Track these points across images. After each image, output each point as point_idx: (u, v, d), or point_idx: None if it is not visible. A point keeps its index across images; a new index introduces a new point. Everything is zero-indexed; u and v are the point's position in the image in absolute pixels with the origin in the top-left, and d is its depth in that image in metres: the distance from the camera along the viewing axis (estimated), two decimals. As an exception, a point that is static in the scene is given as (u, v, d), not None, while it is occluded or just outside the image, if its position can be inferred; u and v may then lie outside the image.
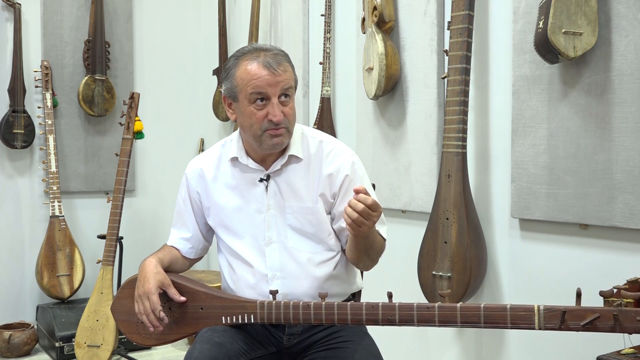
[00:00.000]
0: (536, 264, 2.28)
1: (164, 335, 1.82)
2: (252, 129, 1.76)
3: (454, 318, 1.45)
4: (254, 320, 1.71)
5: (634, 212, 1.94)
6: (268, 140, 1.75)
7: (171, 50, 4.53)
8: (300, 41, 3.60)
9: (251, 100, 1.73)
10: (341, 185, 1.82)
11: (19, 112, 3.85)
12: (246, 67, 1.73)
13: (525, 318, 1.34)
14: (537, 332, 2.28)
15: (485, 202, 2.47)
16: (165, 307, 1.78)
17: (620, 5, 1.97)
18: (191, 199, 1.94)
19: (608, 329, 1.26)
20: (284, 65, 1.74)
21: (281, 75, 1.72)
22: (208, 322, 1.77)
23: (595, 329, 1.27)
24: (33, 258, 3.93)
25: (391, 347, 2.87)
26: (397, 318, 1.51)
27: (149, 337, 1.84)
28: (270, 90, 1.71)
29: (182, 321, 1.80)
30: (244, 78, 1.72)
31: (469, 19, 2.33)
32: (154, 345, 1.85)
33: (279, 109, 1.72)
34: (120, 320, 1.89)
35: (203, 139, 4.64)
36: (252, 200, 1.84)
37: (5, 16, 3.91)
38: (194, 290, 1.79)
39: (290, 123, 1.77)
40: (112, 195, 3.53)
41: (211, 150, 1.95)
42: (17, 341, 3.60)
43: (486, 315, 1.40)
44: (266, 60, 1.71)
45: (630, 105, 1.95)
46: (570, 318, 1.29)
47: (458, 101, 2.34)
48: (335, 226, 1.85)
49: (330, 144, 1.87)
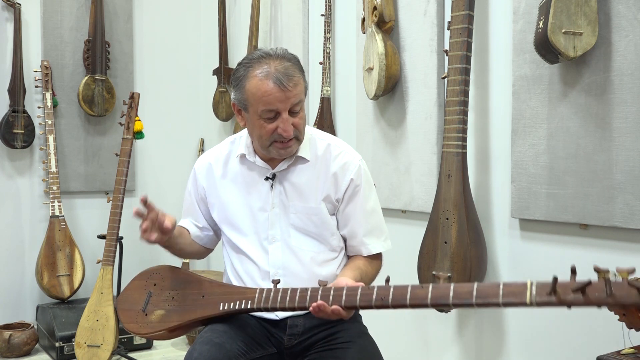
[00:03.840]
0: (536, 264, 2.28)
1: (161, 323, 1.82)
2: (260, 139, 1.77)
3: (447, 297, 1.41)
4: (250, 305, 1.71)
5: (634, 212, 1.94)
6: (275, 151, 1.78)
7: (171, 50, 4.53)
8: (300, 41, 3.60)
9: (262, 115, 1.73)
10: (346, 189, 1.83)
11: (19, 112, 3.85)
12: (257, 82, 1.70)
13: (518, 293, 1.33)
14: (537, 332, 2.28)
15: (485, 202, 2.47)
16: (168, 297, 1.81)
17: (620, 5, 1.97)
18: (197, 193, 1.96)
19: (600, 300, 1.24)
20: (295, 79, 1.71)
21: (292, 91, 1.70)
22: (206, 309, 1.78)
23: (588, 300, 1.25)
24: (33, 258, 3.93)
25: (391, 347, 2.87)
26: (390, 298, 1.49)
27: (145, 325, 1.83)
28: (281, 106, 1.71)
29: (182, 309, 1.81)
30: (255, 94, 1.71)
31: (469, 19, 2.33)
32: (150, 333, 1.82)
33: (290, 123, 1.73)
34: (123, 309, 1.90)
35: (203, 139, 4.64)
36: (257, 198, 1.86)
37: (5, 16, 3.91)
38: (198, 279, 1.82)
39: (301, 132, 1.78)
40: (112, 195, 3.53)
41: (221, 147, 1.96)
42: (17, 341, 3.60)
43: (478, 292, 1.38)
44: (277, 75, 1.69)
45: (630, 105, 1.95)
46: (561, 289, 1.28)
47: (458, 101, 2.34)
48: (341, 233, 1.88)
49: (338, 146, 1.88)
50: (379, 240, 1.86)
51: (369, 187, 1.88)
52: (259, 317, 1.85)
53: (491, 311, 2.45)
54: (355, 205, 1.84)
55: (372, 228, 1.87)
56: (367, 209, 1.86)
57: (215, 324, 1.80)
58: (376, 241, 1.84)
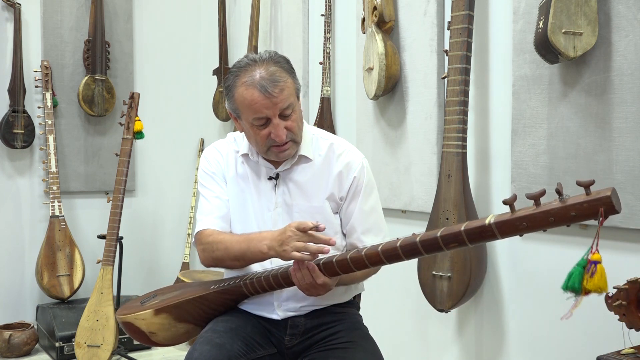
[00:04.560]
0: (536, 264, 2.28)
1: (150, 305, 1.86)
2: (257, 145, 1.79)
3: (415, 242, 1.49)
4: (239, 281, 1.77)
5: (634, 212, 1.94)
6: (274, 155, 1.79)
7: (171, 50, 4.53)
8: (300, 41, 3.60)
9: (254, 123, 1.74)
10: (349, 187, 1.84)
11: (19, 112, 3.85)
12: (243, 91, 1.71)
13: (479, 220, 1.38)
14: (537, 332, 2.28)
15: (485, 202, 2.47)
16: (169, 294, 1.88)
17: (620, 5, 1.97)
18: (222, 172, 1.90)
19: (553, 207, 1.27)
20: (280, 84, 1.70)
21: (278, 97, 1.70)
22: (197, 290, 1.83)
23: (542, 210, 1.28)
24: (33, 258, 3.93)
25: (391, 347, 2.87)
26: (364, 252, 1.58)
27: (136, 310, 1.85)
28: (269, 112, 1.71)
29: (176, 296, 1.87)
30: (242, 102, 1.72)
31: (469, 19, 2.33)
32: (135, 312, 1.82)
33: (282, 127, 1.73)
34: (122, 307, 1.96)
35: (203, 139, 4.64)
36: (261, 197, 1.86)
37: (5, 16, 3.91)
38: (204, 281, 1.91)
39: (296, 134, 1.78)
40: (112, 195, 3.53)
41: (224, 143, 1.95)
42: (17, 341, 3.60)
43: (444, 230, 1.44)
44: (261, 83, 1.69)
45: (630, 105, 1.95)
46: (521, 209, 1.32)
47: (458, 101, 2.34)
48: (342, 231, 1.88)
49: (341, 145, 1.89)
50: (377, 238, 1.86)
51: (371, 185, 1.89)
52: (260, 317, 1.85)
53: (491, 311, 2.46)
54: (357, 203, 1.85)
55: (371, 226, 1.87)
56: (368, 207, 1.87)
57: (216, 324, 1.80)
58: (374, 239, 1.84)
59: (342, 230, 1.88)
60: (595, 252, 1.25)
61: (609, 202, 1.21)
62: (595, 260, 1.24)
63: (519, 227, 1.32)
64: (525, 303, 2.33)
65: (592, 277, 1.23)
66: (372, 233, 1.87)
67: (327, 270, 1.63)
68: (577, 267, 1.26)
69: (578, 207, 1.24)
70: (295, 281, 1.66)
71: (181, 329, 1.86)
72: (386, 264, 1.58)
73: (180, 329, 1.87)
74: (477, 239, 1.40)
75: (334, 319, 1.85)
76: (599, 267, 1.24)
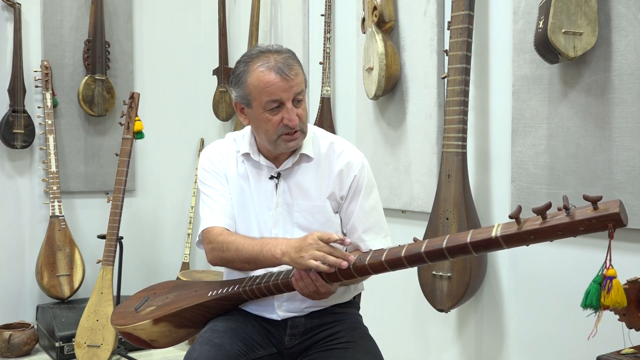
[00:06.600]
0: (536, 264, 2.28)
1: (148, 314, 1.84)
2: (267, 134, 1.78)
3: (419, 249, 1.48)
4: (238, 288, 1.76)
5: (634, 212, 1.94)
6: (283, 144, 1.78)
7: (171, 50, 4.53)
8: (300, 41, 3.61)
9: (266, 107, 1.74)
10: (350, 186, 1.84)
11: (19, 112, 3.85)
12: (258, 74, 1.72)
13: (484, 231, 1.39)
14: (537, 332, 2.28)
15: (485, 202, 2.47)
16: (163, 298, 1.87)
17: (620, 5, 1.97)
18: (223, 171, 1.89)
19: (560, 221, 1.26)
20: (295, 68, 1.74)
21: (293, 80, 1.72)
22: (195, 298, 1.81)
23: (548, 224, 1.28)
24: (33, 258, 3.93)
25: (391, 347, 2.87)
26: (367, 259, 1.58)
27: (132, 319, 1.84)
28: (284, 96, 1.72)
29: (173, 303, 1.85)
30: (257, 86, 1.73)
31: (469, 19, 2.33)
32: (134, 323, 1.81)
33: (294, 113, 1.74)
34: (117, 312, 1.94)
35: (203, 139, 4.64)
36: (262, 196, 1.86)
37: (5, 16, 3.91)
38: (198, 282, 1.88)
39: (304, 124, 1.79)
40: (112, 195, 3.53)
41: (224, 143, 1.94)
42: (17, 341, 3.60)
43: (449, 239, 1.44)
44: (278, 65, 1.71)
45: (630, 105, 1.95)
46: (526, 220, 1.32)
47: (458, 101, 2.34)
48: (343, 230, 1.88)
49: (341, 145, 1.89)
50: (379, 237, 1.86)
51: (371, 184, 1.89)
52: (260, 317, 1.85)
53: (491, 311, 2.46)
54: (357, 202, 1.85)
55: (372, 225, 1.87)
56: (368, 206, 1.86)
57: (215, 324, 1.80)
58: (375, 237, 1.84)
59: (343, 229, 1.88)
60: (609, 267, 1.25)
61: (617, 218, 1.21)
62: (610, 275, 1.25)
63: (526, 240, 1.33)
64: (525, 303, 2.33)
65: (609, 293, 1.25)
66: (373, 232, 1.87)
67: (330, 278, 1.62)
68: (593, 284, 1.27)
69: (586, 222, 1.24)
70: (297, 289, 1.65)
71: (182, 333, 1.88)
72: (389, 271, 1.58)
73: (181, 333, 1.88)
74: (482, 250, 1.41)
75: (334, 319, 1.85)
76: (614, 282, 1.25)
